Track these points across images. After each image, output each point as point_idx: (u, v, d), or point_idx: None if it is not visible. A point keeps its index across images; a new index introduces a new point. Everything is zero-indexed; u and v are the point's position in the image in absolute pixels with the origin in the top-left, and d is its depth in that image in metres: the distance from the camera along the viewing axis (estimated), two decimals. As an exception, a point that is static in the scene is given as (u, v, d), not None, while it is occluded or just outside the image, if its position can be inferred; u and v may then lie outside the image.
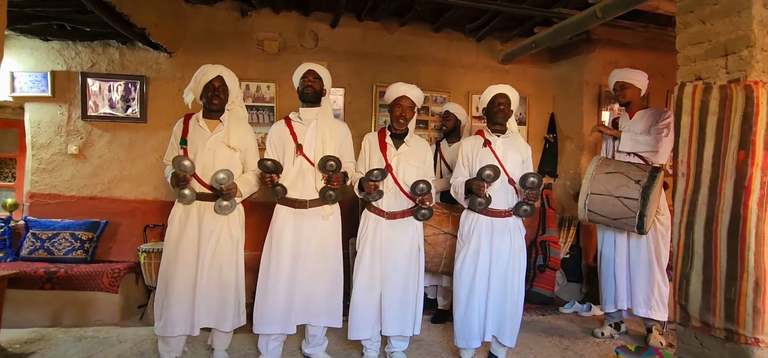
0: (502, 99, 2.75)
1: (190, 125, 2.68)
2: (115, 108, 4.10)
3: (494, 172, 2.61)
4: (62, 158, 4.07)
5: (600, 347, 3.23)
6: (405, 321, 2.73)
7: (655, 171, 2.95)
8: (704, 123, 2.34)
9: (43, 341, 3.13)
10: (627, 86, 3.31)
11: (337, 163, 2.61)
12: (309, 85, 2.71)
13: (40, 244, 3.81)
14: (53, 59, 4.03)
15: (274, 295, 2.62)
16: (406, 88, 2.78)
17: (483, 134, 2.81)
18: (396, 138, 2.81)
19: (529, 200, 2.67)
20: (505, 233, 2.71)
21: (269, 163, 2.61)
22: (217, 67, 2.66)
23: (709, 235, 2.31)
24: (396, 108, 2.78)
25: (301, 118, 2.75)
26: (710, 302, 2.30)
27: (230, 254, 2.66)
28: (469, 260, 2.71)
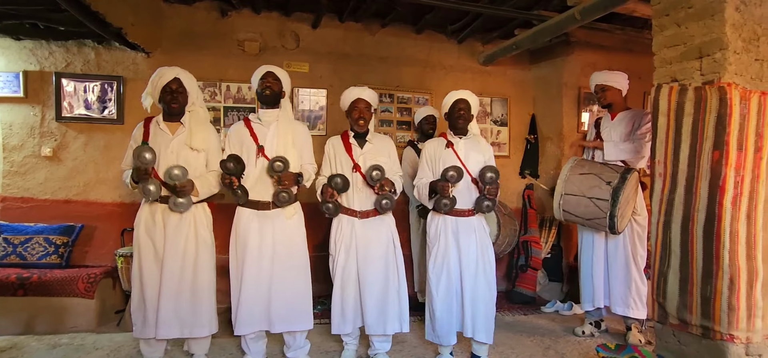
0: (462, 104, 2.83)
1: (151, 129, 2.65)
2: (90, 109, 3.99)
3: (457, 172, 2.68)
4: (36, 161, 3.94)
5: (581, 345, 3.26)
6: (387, 320, 2.76)
7: (626, 172, 2.99)
8: (680, 124, 2.39)
9: (15, 350, 3.02)
10: (607, 89, 3.35)
11: (284, 163, 2.59)
12: (267, 86, 2.71)
13: (13, 249, 3.68)
14: (25, 59, 3.90)
15: (247, 297, 2.63)
16: (358, 90, 2.85)
17: (445, 137, 2.88)
18: (359, 138, 2.87)
19: (490, 195, 2.71)
20: (471, 232, 2.77)
21: (231, 165, 2.56)
22: (173, 70, 2.62)
23: (686, 234, 2.36)
24: (354, 111, 2.83)
25: (260, 119, 2.75)
26: (687, 300, 2.34)
27: (198, 258, 2.63)
28: (440, 258, 2.78)
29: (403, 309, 2.81)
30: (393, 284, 2.79)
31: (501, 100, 4.82)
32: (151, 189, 2.47)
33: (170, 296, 2.55)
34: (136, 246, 2.63)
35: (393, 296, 2.78)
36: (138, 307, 2.61)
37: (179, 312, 2.58)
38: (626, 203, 2.95)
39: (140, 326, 2.60)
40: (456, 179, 2.68)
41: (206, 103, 4.10)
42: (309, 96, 4.39)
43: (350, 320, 2.77)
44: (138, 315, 2.61)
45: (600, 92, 3.39)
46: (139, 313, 2.61)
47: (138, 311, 2.61)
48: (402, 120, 4.60)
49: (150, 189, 2.47)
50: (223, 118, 4.19)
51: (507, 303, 4.28)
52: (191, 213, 2.62)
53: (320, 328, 3.46)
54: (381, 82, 4.52)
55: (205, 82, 4.16)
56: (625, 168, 3.04)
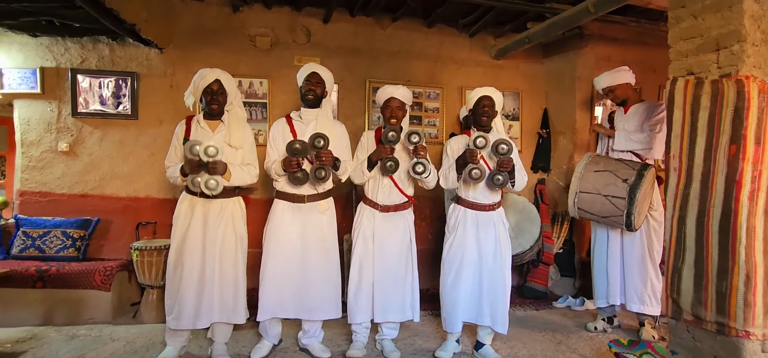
0: (486, 101, 2.82)
1: (192, 126, 2.76)
2: (105, 105, 4.05)
3: (486, 140, 2.69)
4: (53, 156, 4.02)
5: (593, 341, 3.25)
6: (399, 307, 2.85)
7: (643, 168, 2.96)
8: (696, 118, 2.35)
9: (35, 340, 3.10)
10: (615, 88, 3.32)
11: (325, 140, 2.66)
12: (311, 89, 2.80)
13: (31, 242, 3.77)
14: (42, 55, 3.97)
15: (272, 284, 2.73)
16: (392, 89, 2.88)
17: (470, 134, 2.87)
18: None
19: (502, 167, 2.70)
20: (490, 225, 2.81)
21: (298, 146, 2.65)
22: (214, 72, 2.71)
23: (701, 229, 2.33)
24: (386, 110, 2.88)
25: (301, 117, 2.85)
26: (702, 296, 2.31)
27: (236, 250, 2.75)
28: (455, 248, 2.83)
29: (415, 299, 2.89)
30: (407, 273, 2.87)
31: (513, 95, 4.78)
32: (199, 180, 2.59)
33: (213, 286, 2.67)
34: (174, 239, 2.71)
35: (406, 285, 2.86)
36: (175, 299, 2.66)
37: (220, 300, 2.70)
38: (643, 200, 2.92)
39: (180, 317, 2.64)
40: (485, 145, 2.69)
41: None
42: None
43: (364, 309, 2.83)
44: (175, 306, 2.65)
45: (609, 93, 3.37)
46: (178, 304, 2.65)
47: (175, 303, 2.65)
48: (413, 114, 4.58)
49: (198, 180, 2.59)
50: (235, 114, 4.22)
51: (518, 298, 4.27)
52: (229, 208, 2.74)
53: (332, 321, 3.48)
54: (392, 77, 4.51)
55: (217, 77, 4.19)
56: (641, 164, 3.00)
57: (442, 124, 4.62)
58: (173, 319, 2.66)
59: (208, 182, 2.59)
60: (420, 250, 3.02)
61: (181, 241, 2.68)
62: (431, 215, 4.51)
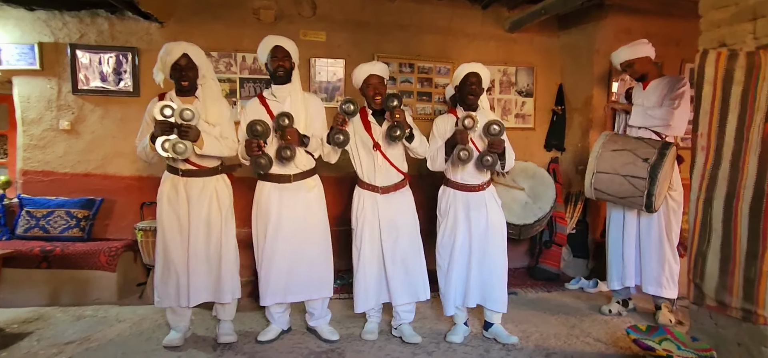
0: (473, 78, 2.72)
1: None
2: (106, 81, 3.94)
3: (473, 120, 2.59)
4: (54, 134, 3.94)
5: (607, 324, 3.16)
6: (414, 288, 2.80)
7: (665, 147, 2.81)
8: (728, 93, 2.20)
9: (42, 321, 3.08)
10: (634, 62, 3.15)
11: (289, 119, 2.57)
12: (280, 65, 2.66)
13: (36, 222, 3.73)
14: (40, 30, 3.85)
15: (271, 269, 2.69)
16: (368, 67, 2.79)
17: (455, 114, 2.77)
18: (377, 115, 2.79)
19: (493, 148, 2.61)
20: (481, 206, 2.74)
21: (259, 127, 2.52)
22: (180, 45, 2.56)
23: (729, 212, 2.20)
24: (368, 89, 2.76)
25: (275, 96, 2.72)
26: (727, 281, 2.21)
27: (221, 226, 2.67)
28: (448, 233, 2.78)
29: (424, 278, 2.84)
30: (416, 253, 2.82)
31: (527, 70, 4.60)
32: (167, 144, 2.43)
33: (199, 264, 2.62)
34: (159, 219, 2.64)
35: (417, 265, 2.81)
36: (163, 279, 2.63)
37: (206, 279, 2.65)
38: (664, 180, 2.79)
39: (166, 297, 2.63)
40: (473, 126, 2.58)
41: (221, 74, 4.03)
42: (326, 66, 4.25)
43: (373, 295, 2.79)
44: (163, 287, 2.63)
45: (628, 68, 3.20)
46: (164, 284, 2.63)
47: (163, 283, 2.63)
48: (423, 91, 4.43)
49: (167, 144, 2.43)
50: (239, 90, 4.10)
51: (530, 279, 4.18)
52: (212, 185, 2.65)
53: (341, 303, 3.44)
54: (401, 52, 4.35)
55: (220, 52, 4.06)
56: (662, 143, 2.86)
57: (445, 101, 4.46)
58: (158, 299, 2.64)
59: (177, 145, 2.43)
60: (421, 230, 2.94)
61: (164, 221, 2.61)
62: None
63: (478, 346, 2.77)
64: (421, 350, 2.72)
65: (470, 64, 2.77)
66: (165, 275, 2.63)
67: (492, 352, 2.71)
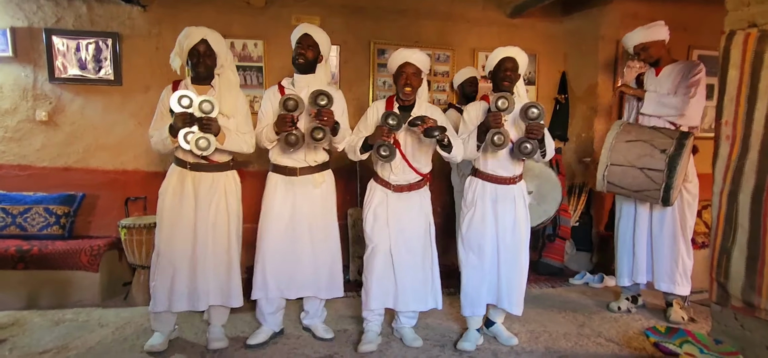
0: (509, 63, 2.52)
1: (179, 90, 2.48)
2: (86, 69, 3.70)
3: (509, 101, 2.35)
4: (31, 126, 3.69)
5: (618, 323, 3.03)
6: (421, 296, 2.62)
7: (683, 137, 2.67)
8: (757, 78, 2.04)
9: (17, 327, 2.86)
10: (649, 45, 2.98)
11: (328, 99, 2.39)
12: (301, 53, 2.52)
13: (12, 220, 3.49)
14: (12, 14, 3.59)
15: (269, 262, 2.57)
16: (408, 53, 2.53)
17: (488, 101, 2.55)
18: (404, 110, 2.55)
19: (532, 133, 2.39)
20: (509, 200, 2.57)
21: (291, 103, 2.39)
22: (200, 30, 2.42)
23: (758, 206, 2.05)
24: (400, 76, 2.53)
25: (294, 85, 2.58)
26: (755, 281, 2.06)
27: (228, 227, 2.54)
28: (476, 224, 2.58)
29: (436, 286, 2.66)
30: (426, 258, 2.62)
31: (529, 57, 4.35)
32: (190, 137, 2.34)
33: (207, 266, 2.48)
34: (160, 215, 2.47)
35: (426, 271, 2.62)
36: (161, 281, 2.45)
37: (215, 281, 2.51)
38: (681, 172, 2.63)
39: (164, 300, 2.45)
40: (507, 106, 2.35)
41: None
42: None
43: (379, 296, 2.59)
44: (161, 289, 2.45)
45: (641, 52, 3.03)
46: (163, 286, 2.45)
47: (161, 285, 2.45)
48: (421, 79, 4.24)
49: (189, 137, 2.34)
50: (228, 79, 3.88)
51: (533, 274, 4.04)
52: (222, 182, 2.52)
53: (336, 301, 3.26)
54: (399, 38, 4.14)
55: (207, 38, 3.83)
56: (680, 133, 2.71)
57: (452, 89, 4.28)
58: (159, 302, 2.45)
59: (199, 140, 2.33)
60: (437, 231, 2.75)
61: (169, 218, 2.45)
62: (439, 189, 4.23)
63: (485, 349, 2.62)
64: (423, 354, 2.57)
65: (507, 48, 2.55)
66: (165, 276, 2.45)
67: (500, 356, 2.56)
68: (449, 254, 3.62)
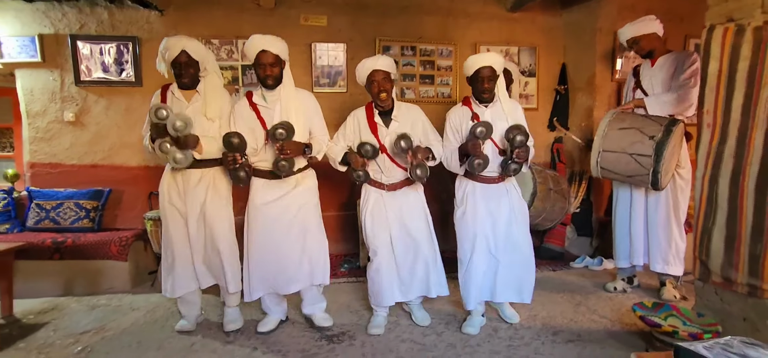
0: (485, 72, 2.57)
1: (167, 97, 2.62)
2: (108, 72, 3.94)
3: (487, 128, 2.48)
4: (59, 126, 3.96)
5: (612, 301, 3.20)
6: (424, 285, 2.75)
7: (671, 124, 2.80)
8: (734, 69, 2.19)
9: (57, 311, 3.14)
10: (640, 38, 3.10)
11: (286, 130, 2.45)
12: (268, 75, 2.51)
13: (46, 214, 3.76)
14: (39, 21, 3.84)
15: (255, 262, 2.63)
16: (371, 62, 2.62)
17: (470, 106, 2.67)
18: (384, 116, 2.68)
19: (518, 158, 2.51)
20: (501, 195, 2.67)
21: (235, 140, 2.43)
22: (179, 42, 2.50)
23: (735, 189, 2.21)
24: (372, 85, 2.62)
25: (266, 100, 2.59)
26: (733, 258, 2.23)
27: (216, 215, 2.64)
28: (467, 224, 2.67)
29: (440, 273, 2.77)
30: (428, 248, 2.73)
31: (529, 50, 4.57)
32: (167, 146, 2.45)
33: (198, 253, 2.66)
34: (162, 212, 2.69)
35: (429, 261, 2.73)
36: (169, 270, 2.69)
37: (208, 266, 2.70)
38: (671, 157, 2.79)
39: (170, 288, 2.69)
40: (486, 134, 2.49)
41: (223, 61, 4.02)
42: (327, 51, 4.23)
43: (387, 291, 2.69)
44: (167, 277, 2.69)
45: (634, 45, 3.15)
46: (168, 275, 2.69)
47: (167, 273, 2.69)
48: (425, 74, 4.42)
49: (167, 146, 2.45)
50: (241, 78, 4.09)
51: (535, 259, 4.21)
52: (209, 175, 2.64)
53: (348, 287, 3.49)
54: (402, 34, 4.32)
55: (221, 40, 4.04)
56: (669, 119, 2.85)
57: (455, 82, 4.45)
58: (168, 288, 2.68)
59: (175, 155, 2.44)
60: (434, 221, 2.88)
61: (167, 213, 2.65)
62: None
63: (485, 326, 2.81)
64: (430, 331, 2.77)
65: (479, 56, 2.61)
66: (169, 265, 2.68)
67: (500, 332, 2.75)
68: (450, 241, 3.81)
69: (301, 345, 2.61)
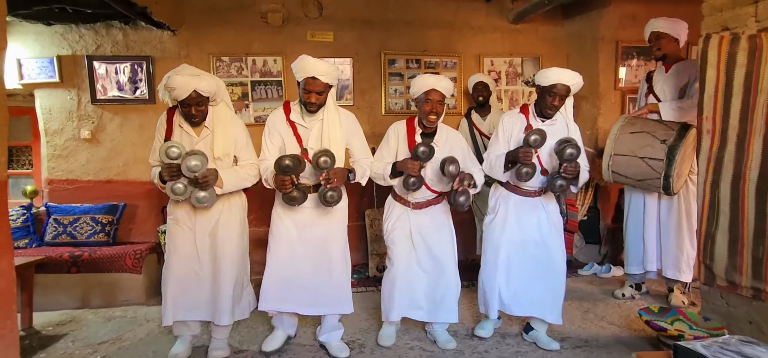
0: (561, 89, 2.46)
1: (174, 126, 2.45)
2: (123, 90, 4.07)
3: (541, 136, 2.39)
4: (76, 143, 4.09)
5: (621, 308, 3.22)
6: (443, 310, 2.63)
7: (684, 129, 2.81)
8: (731, 76, 2.24)
9: (74, 323, 3.22)
10: (662, 36, 3.09)
11: (331, 159, 2.34)
12: (313, 102, 2.40)
13: (63, 229, 3.88)
14: (58, 44, 3.99)
15: (277, 276, 2.52)
16: (434, 80, 2.49)
17: (527, 115, 2.59)
18: (427, 137, 2.59)
19: (566, 173, 2.41)
20: (536, 208, 2.60)
21: (287, 162, 2.29)
22: (188, 83, 2.26)
23: (736, 193, 2.25)
24: (425, 104, 2.50)
25: (304, 120, 2.49)
26: (737, 262, 2.26)
27: (228, 249, 2.50)
28: (496, 228, 2.62)
29: (456, 299, 2.67)
30: (452, 273, 2.63)
31: (533, 60, 4.64)
32: (179, 187, 2.32)
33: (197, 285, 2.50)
34: (168, 236, 2.54)
35: (452, 286, 2.63)
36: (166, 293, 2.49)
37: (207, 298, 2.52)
38: (683, 162, 2.79)
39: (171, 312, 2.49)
40: (540, 143, 2.39)
41: (233, 78, 4.15)
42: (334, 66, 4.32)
43: (396, 304, 2.59)
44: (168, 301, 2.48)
45: (654, 41, 3.13)
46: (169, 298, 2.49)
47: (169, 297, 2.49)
48: (429, 85, 4.49)
49: (179, 187, 2.32)
50: (250, 93, 4.21)
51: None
52: (220, 204, 2.48)
53: (357, 296, 3.53)
54: (407, 47, 4.41)
55: (231, 57, 4.17)
56: (681, 124, 2.85)
57: (460, 93, 4.53)
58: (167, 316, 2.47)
59: (197, 194, 2.29)
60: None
61: (173, 241, 2.49)
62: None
63: (494, 333, 2.84)
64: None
65: (560, 71, 2.47)
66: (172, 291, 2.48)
67: (508, 339, 2.79)
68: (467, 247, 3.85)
69: (312, 354, 2.66)
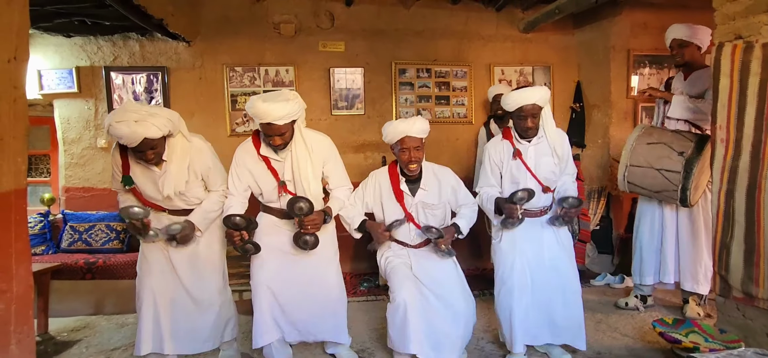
0: (529, 108, 2.37)
1: (129, 158, 2.26)
2: (139, 100, 4.16)
3: (528, 194, 2.37)
4: (93, 152, 4.18)
5: (634, 319, 3.17)
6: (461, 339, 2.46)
7: (702, 141, 2.76)
8: (745, 85, 2.21)
9: (88, 329, 3.27)
10: (686, 45, 3.02)
11: (307, 206, 2.25)
12: (277, 144, 2.26)
13: (79, 236, 3.95)
14: (77, 55, 4.10)
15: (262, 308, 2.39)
16: (405, 126, 2.37)
17: (511, 140, 2.50)
18: (411, 183, 2.50)
19: (566, 217, 2.47)
20: (543, 226, 2.54)
21: (238, 220, 2.24)
22: (134, 133, 2.03)
23: (752, 203, 2.21)
24: (402, 153, 2.41)
25: (276, 153, 2.35)
26: (753, 272, 2.21)
27: (206, 273, 2.44)
28: (505, 247, 2.52)
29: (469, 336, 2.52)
30: (459, 306, 2.42)
31: (543, 69, 4.63)
32: (151, 235, 2.31)
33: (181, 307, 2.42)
34: (142, 261, 2.44)
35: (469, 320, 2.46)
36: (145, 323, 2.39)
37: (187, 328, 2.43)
38: (700, 174, 2.75)
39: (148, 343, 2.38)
40: (526, 200, 2.37)
41: (246, 87, 4.21)
42: (345, 75, 4.38)
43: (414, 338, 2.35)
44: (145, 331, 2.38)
45: (677, 48, 3.06)
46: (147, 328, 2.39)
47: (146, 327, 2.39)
48: (440, 95, 4.51)
49: (150, 236, 2.31)
50: (262, 103, 4.26)
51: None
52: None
53: (368, 305, 3.54)
54: (417, 57, 4.44)
55: (243, 67, 4.23)
56: (699, 136, 2.82)
57: (471, 103, 4.53)
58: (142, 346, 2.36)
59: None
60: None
61: (150, 262, 2.41)
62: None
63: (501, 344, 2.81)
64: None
65: (521, 92, 2.38)
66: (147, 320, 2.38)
67: (518, 348, 2.75)
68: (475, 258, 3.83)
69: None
